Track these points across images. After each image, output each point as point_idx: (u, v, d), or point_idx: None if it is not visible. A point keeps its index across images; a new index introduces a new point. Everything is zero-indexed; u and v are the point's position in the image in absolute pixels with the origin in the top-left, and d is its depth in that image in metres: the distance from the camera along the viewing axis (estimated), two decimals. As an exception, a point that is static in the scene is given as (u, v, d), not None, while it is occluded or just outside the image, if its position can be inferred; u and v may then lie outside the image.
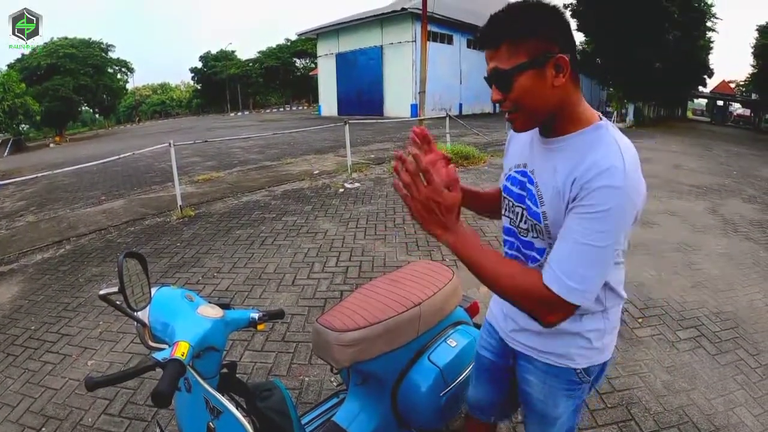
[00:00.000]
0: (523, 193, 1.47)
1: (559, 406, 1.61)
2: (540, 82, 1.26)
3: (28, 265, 6.11)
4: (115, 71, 57.63)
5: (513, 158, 1.58)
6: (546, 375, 1.58)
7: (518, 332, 1.63)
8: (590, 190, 1.22)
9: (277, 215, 7.55)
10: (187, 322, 1.47)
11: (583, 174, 1.24)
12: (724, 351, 3.75)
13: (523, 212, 1.48)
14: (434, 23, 29.93)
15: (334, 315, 1.95)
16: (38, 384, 3.49)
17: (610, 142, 1.28)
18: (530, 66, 1.24)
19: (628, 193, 1.21)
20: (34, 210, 9.51)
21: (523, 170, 1.49)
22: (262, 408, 1.74)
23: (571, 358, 1.52)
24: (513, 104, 1.30)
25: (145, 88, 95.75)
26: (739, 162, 15.50)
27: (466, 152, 11.76)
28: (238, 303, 4.57)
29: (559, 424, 1.66)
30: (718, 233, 6.81)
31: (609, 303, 1.50)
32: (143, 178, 11.99)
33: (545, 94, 1.27)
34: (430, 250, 5.83)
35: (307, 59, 71.42)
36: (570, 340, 1.51)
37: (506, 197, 1.58)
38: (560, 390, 1.58)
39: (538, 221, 1.40)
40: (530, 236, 1.47)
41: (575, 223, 1.24)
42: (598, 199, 1.20)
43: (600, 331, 1.51)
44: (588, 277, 1.23)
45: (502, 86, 1.29)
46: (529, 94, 1.27)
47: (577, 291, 1.22)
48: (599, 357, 1.54)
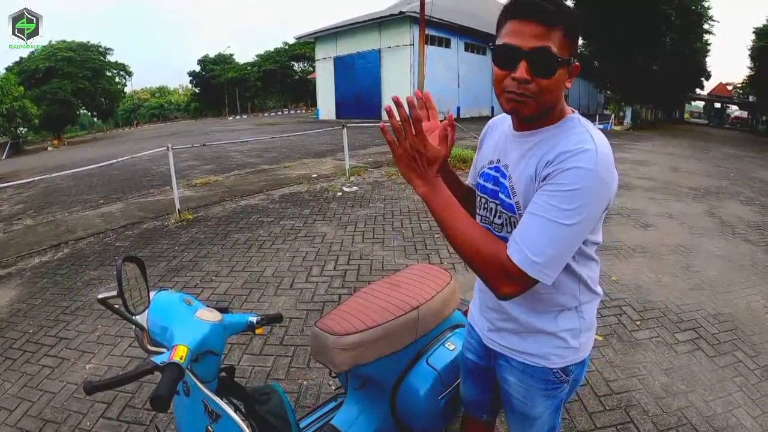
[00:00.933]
0: (496, 188, 1.48)
1: (537, 406, 1.61)
2: (562, 80, 1.26)
3: (26, 268, 6.10)
4: (113, 74, 57.80)
5: (486, 156, 1.59)
6: (523, 375, 1.58)
7: (494, 332, 1.64)
8: (561, 170, 1.22)
9: (276, 219, 7.55)
10: (185, 326, 1.47)
11: (556, 157, 1.25)
12: (723, 353, 3.76)
13: (497, 207, 1.48)
14: (432, 27, 29.94)
15: (332, 318, 1.95)
16: (36, 387, 3.47)
17: (582, 130, 1.30)
18: (568, 63, 1.25)
19: (600, 176, 1.21)
20: (32, 213, 9.49)
21: (496, 166, 1.50)
22: (261, 412, 1.74)
23: (547, 358, 1.52)
24: (539, 89, 1.24)
25: (143, 91, 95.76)
26: (737, 164, 15.55)
27: (464, 155, 11.77)
28: (236, 307, 4.57)
29: (539, 423, 1.66)
30: (715, 235, 6.83)
31: (583, 298, 1.51)
32: (141, 182, 11.98)
33: (559, 91, 1.28)
34: (428, 254, 5.84)
35: (306, 63, 71.59)
36: (545, 340, 1.51)
37: (480, 195, 1.58)
38: (538, 390, 1.58)
39: (513, 212, 1.40)
40: (505, 232, 1.47)
41: (543, 200, 1.23)
42: (569, 178, 1.21)
43: (575, 330, 1.51)
44: (550, 254, 1.22)
45: (543, 69, 1.22)
46: (555, 87, 1.25)
47: (537, 265, 1.22)
48: (576, 356, 1.54)
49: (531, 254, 1.22)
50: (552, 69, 1.22)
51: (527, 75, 1.21)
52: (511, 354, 1.59)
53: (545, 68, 1.22)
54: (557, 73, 1.23)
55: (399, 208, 7.93)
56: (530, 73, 1.21)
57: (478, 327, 1.74)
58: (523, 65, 1.21)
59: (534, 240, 1.22)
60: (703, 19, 33.20)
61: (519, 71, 1.21)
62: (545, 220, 1.22)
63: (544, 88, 1.23)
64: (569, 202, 1.20)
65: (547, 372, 1.54)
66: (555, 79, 1.23)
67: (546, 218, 1.22)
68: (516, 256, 1.23)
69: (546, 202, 1.23)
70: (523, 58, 1.21)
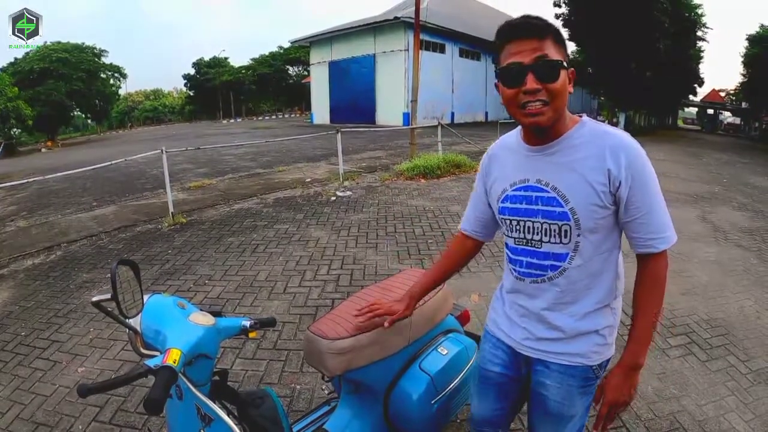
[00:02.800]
0: (535, 205, 1.53)
1: (575, 405, 1.66)
2: (566, 84, 1.39)
3: (19, 270, 6.08)
4: (107, 76, 57.63)
5: (506, 179, 1.63)
6: (563, 376, 1.62)
7: (533, 341, 1.67)
8: (635, 165, 1.42)
9: (269, 223, 7.55)
10: (178, 330, 1.47)
11: (615, 157, 1.42)
12: (715, 357, 3.77)
13: (533, 224, 1.55)
14: (427, 32, 30.05)
15: (325, 323, 1.96)
16: (28, 391, 3.46)
17: (606, 128, 1.49)
18: (566, 66, 1.39)
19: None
20: (25, 215, 9.45)
21: (525, 185, 1.56)
22: (254, 416, 1.74)
23: (588, 357, 1.60)
24: (550, 95, 1.36)
25: (137, 93, 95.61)
26: (730, 170, 15.62)
27: (458, 161, 11.80)
28: (229, 311, 4.56)
29: (572, 424, 1.70)
30: (708, 241, 6.86)
31: (617, 292, 1.64)
32: (135, 185, 11.94)
33: (566, 95, 1.41)
34: (422, 258, 5.85)
35: (300, 67, 71.41)
36: (587, 340, 1.60)
37: (510, 219, 1.62)
38: (576, 388, 1.63)
39: (567, 220, 1.47)
40: (546, 246, 1.54)
41: (648, 192, 1.44)
42: (643, 164, 1.43)
43: (611, 327, 1.63)
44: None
45: (548, 74, 1.35)
46: (563, 89, 1.38)
47: (675, 233, 1.49)
48: (609, 352, 1.65)
49: (671, 231, 1.48)
50: (555, 72, 1.35)
51: (537, 84, 1.35)
52: (552, 357, 1.63)
53: (550, 73, 1.35)
54: (561, 76, 1.36)
55: (393, 213, 7.94)
56: (538, 81, 1.35)
57: (510, 336, 1.74)
58: (530, 77, 1.35)
59: (667, 219, 1.47)
60: (697, 25, 33.35)
61: (528, 83, 1.35)
62: (661, 202, 1.46)
63: (555, 91, 1.36)
64: (655, 179, 1.45)
65: (587, 370, 1.61)
66: (561, 81, 1.36)
67: (660, 201, 1.45)
68: (671, 242, 1.48)
69: (651, 190, 1.44)
70: (529, 72, 1.35)
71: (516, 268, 1.65)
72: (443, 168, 11.47)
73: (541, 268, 1.57)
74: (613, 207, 1.45)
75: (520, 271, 1.63)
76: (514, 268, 1.67)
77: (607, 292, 1.59)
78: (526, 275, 1.62)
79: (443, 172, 11.36)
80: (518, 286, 1.67)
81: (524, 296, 1.66)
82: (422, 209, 8.21)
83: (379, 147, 18.18)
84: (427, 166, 11.33)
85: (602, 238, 1.51)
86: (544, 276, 1.57)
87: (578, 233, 1.47)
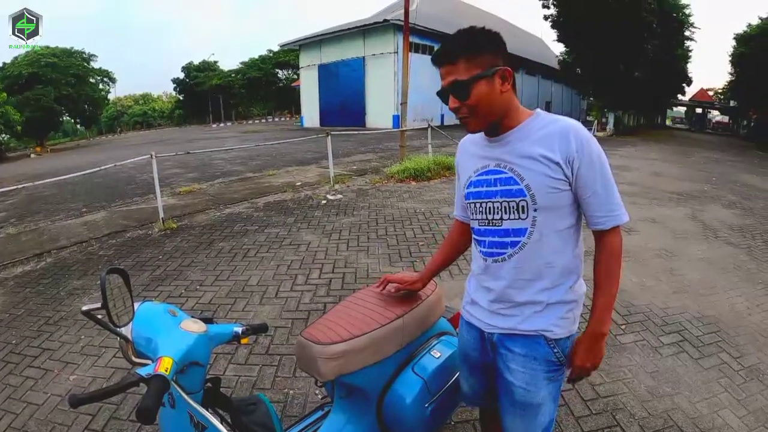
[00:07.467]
0: (494, 187, 1.68)
1: (540, 390, 1.71)
2: (491, 90, 1.56)
3: (8, 278, 6.02)
4: (96, 81, 57.47)
5: (468, 169, 1.82)
6: (526, 359, 1.70)
7: (498, 317, 1.77)
8: (583, 146, 1.56)
9: (260, 227, 7.53)
10: (170, 338, 1.47)
11: (565, 139, 1.57)
12: (707, 355, 3.80)
13: (493, 204, 1.69)
14: (416, 34, 30.01)
15: (317, 328, 1.95)
16: (20, 399, 3.42)
17: (558, 116, 1.64)
18: (483, 76, 1.54)
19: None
20: (14, 222, 9.36)
21: (486, 170, 1.72)
22: (247, 422, 1.74)
23: (549, 330, 1.69)
24: (469, 109, 1.59)
25: (127, 98, 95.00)
26: (719, 168, 15.75)
27: (448, 163, 11.82)
28: (221, 316, 4.54)
29: (540, 414, 1.74)
30: (699, 239, 6.90)
31: (579, 270, 1.75)
32: (125, 190, 11.88)
33: (495, 99, 1.58)
34: (414, 261, 5.85)
35: (290, 70, 71.38)
36: (549, 314, 1.69)
37: (473, 202, 1.78)
38: (541, 373, 1.70)
39: (523, 196, 1.61)
40: (506, 223, 1.68)
41: (595, 172, 1.57)
42: (590, 147, 1.57)
43: (574, 302, 1.73)
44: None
45: (461, 94, 1.57)
46: (483, 100, 1.56)
47: (625, 213, 1.63)
48: (572, 327, 1.73)
49: (621, 210, 1.62)
50: (465, 92, 1.56)
51: (456, 103, 1.59)
52: (517, 332, 1.72)
53: (461, 93, 1.57)
54: (473, 92, 1.55)
55: (383, 216, 7.95)
56: (456, 100, 1.59)
57: (477, 319, 1.85)
58: (451, 98, 1.60)
59: (617, 198, 1.62)
60: (684, 26, 33.65)
61: (450, 103, 1.61)
62: (609, 182, 1.60)
63: (472, 105, 1.57)
64: (604, 161, 1.61)
65: (550, 352, 1.70)
66: (475, 96, 1.55)
67: (609, 181, 1.60)
68: (623, 219, 1.62)
69: (597, 171, 1.58)
70: (449, 94, 1.60)
71: (481, 249, 1.79)
72: (433, 170, 11.53)
73: (503, 245, 1.70)
74: (567, 188, 1.59)
75: (484, 252, 1.77)
76: (479, 249, 1.80)
77: (568, 270, 1.70)
78: (489, 255, 1.74)
79: (434, 174, 11.41)
80: (483, 266, 1.79)
81: (488, 277, 1.78)
82: (413, 211, 8.23)
83: (370, 150, 18.21)
84: (418, 169, 11.38)
85: (559, 216, 1.63)
86: (504, 254, 1.70)
87: (535, 208, 1.60)
